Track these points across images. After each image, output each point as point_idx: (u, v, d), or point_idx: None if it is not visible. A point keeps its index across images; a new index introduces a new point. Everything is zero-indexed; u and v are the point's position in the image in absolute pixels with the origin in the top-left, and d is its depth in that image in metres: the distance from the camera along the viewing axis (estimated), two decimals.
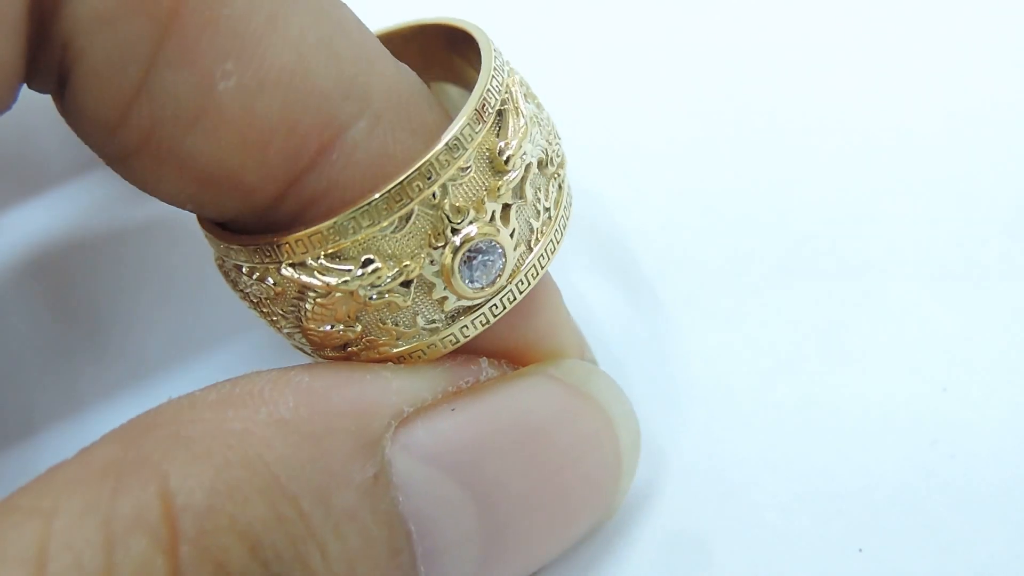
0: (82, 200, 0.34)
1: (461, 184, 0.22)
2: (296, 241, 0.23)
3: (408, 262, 0.23)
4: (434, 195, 0.22)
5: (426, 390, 0.23)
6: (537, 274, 0.24)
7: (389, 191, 0.22)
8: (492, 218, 0.23)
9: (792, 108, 0.34)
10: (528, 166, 0.23)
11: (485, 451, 0.23)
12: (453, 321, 0.24)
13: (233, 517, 0.20)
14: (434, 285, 0.23)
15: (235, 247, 0.24)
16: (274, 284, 0.24)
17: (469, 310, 0.24)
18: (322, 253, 0.23)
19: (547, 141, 0.24)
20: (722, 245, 0.32)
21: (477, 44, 0.25)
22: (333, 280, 0.23)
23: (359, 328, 0.24)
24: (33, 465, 0.22)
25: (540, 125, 0.24)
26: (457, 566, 0.23)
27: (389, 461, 0.22)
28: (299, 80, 0.22)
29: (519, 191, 0.23)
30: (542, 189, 0.24)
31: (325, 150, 0.23)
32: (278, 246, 0.23)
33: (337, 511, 0.21)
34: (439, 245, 0.23)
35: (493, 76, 0.23)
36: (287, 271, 0.23)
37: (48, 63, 0.23)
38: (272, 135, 0.22)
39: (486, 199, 0.23)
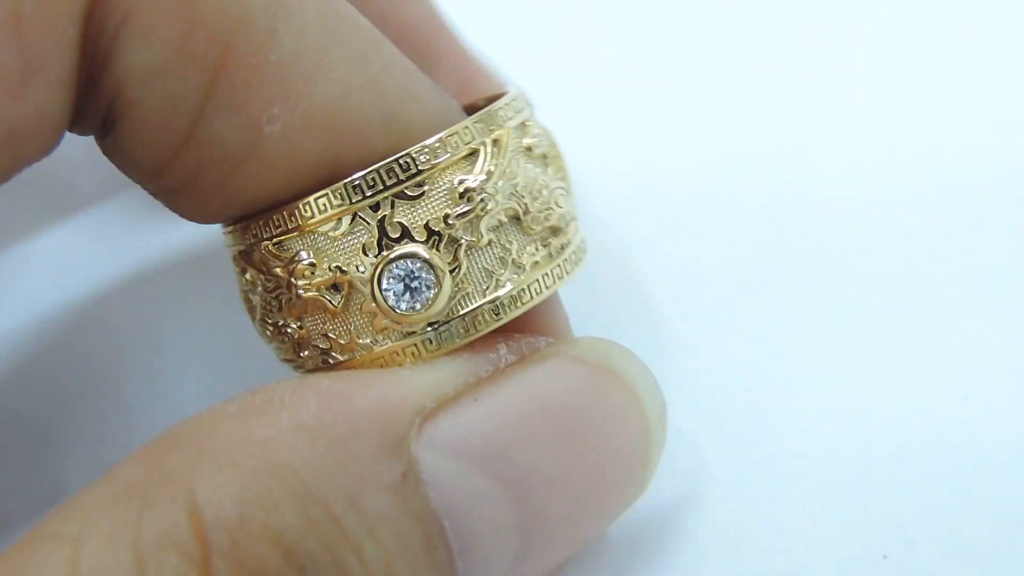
0: (110, 220, 0.34)
1: (412, 203, 0.23)
2: (255, 226, 0.24)
3: (340, 264, 0.23)
4: (378, 205, 0.23)
5: (447, 383, 0.23)
6: (487, 324, 0.24)
7: (333, 190, 0.23)
8: (433, 246, 0.23)
9: (815, 117, 0.35)
10: (488, 208, 0.23)
11: (511, 439, 0.23)
12: (384, 343, 0.24)
13: (265, 525, 0.20)
14: (364, 297, 0.23)
15: (227, 231, 0.25)
16: (248, 277, 0.24)
17: (404, 336, 0.24)
18: (271, 241, 0.23)
19: (535, 200, 0.24)
20: (747, 255, 0.33)
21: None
22: (276, 268, 0.24)
23: (302, 329, 0.24)
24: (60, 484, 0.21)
25: (528, 181, 0.24)
26: (495, 558, 0.23)
27: (416, 458, 0.22)
28: (343, 119, 0.23)
29: (473, 230, 0.23)
30: (516, 243, 0.24)
31: None
32: (244, 230, 0.24)
33: (370, 513, 0.21)
34: (372, 256, 0.23)
35: (479, 118, 0.24)
36: (249, 256, 0.24)
37: (95, 111, 0.23)
38: (316, 169, 0.23)
39: (432, 224, 0.23)
